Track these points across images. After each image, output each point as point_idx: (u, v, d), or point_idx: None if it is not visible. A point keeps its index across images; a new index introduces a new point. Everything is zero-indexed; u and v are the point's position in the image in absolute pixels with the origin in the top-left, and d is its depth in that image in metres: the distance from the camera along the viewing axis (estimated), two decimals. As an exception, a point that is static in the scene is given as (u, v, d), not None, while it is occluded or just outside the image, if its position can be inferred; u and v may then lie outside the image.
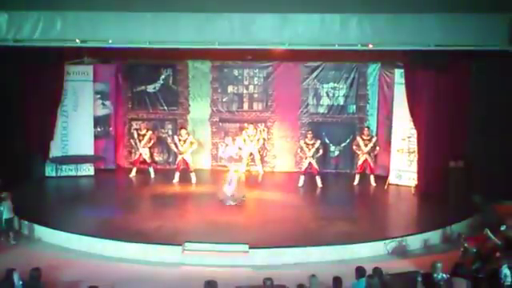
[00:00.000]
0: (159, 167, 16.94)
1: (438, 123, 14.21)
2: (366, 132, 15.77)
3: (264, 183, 16.08)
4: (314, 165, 15.49)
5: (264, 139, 16.78)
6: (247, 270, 10.64)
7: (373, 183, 15.63)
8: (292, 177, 16.20)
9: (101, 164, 16.71)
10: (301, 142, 15.85)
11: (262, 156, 16.84)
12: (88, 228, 12.11)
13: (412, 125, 14.84)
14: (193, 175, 15.79)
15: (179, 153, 15.83)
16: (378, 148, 15.74)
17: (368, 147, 15.58)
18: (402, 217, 13.85)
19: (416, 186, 14.78)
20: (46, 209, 13.54)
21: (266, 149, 16.99)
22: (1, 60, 13.40)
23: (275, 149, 17.18)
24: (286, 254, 11.13)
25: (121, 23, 11.99)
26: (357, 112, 16.97)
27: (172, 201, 14.26)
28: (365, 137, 15.68)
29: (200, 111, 17.25)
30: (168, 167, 16.97)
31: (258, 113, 17.23)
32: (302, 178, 15.56)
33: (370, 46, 12.36)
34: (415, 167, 14.91)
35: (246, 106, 17.28)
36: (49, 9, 11.91)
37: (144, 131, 16.38)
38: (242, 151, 16.03)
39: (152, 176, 16.34)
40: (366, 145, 15.60)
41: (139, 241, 11.34)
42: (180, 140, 15.78)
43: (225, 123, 17.29)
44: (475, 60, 13.42)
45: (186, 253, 11.09)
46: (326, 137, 16.84)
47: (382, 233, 12.17)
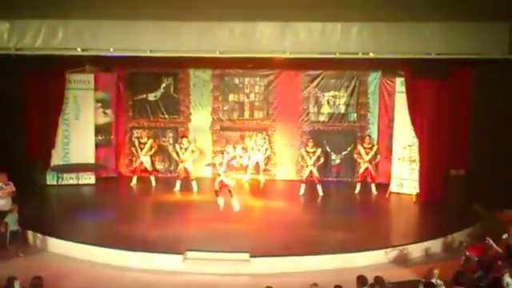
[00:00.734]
0: (160, 175, 16.95)
1: (439, 131, 14.23)
2: (367, 140, 15.78)
3: (265, 192, 16.07)
4: (315, 173, 15.49)
5: (268, 148, 16.76)
6: (248, 279, 10.61)
7: (374, 191, 15.63)
8: (293, 185, 16.19)
9: (102, 172, 16.69)
10: (302, 151, 15.86)
11: (265, 164, 16.86)
12: (90, 237, 12.11)
13: (413, 133, 14.82)
14: (194, 183, 15.77)
15: (180, 161, 15.84)
16: (379, 156, 15.74)
17: (369, 155, 15.59)
18: (403, 225, 13.82)
19: (417, 195, 14.75)
20: (49, 218, 13.47)
21: (269, 157, 17.00)
22: (2, 68, 13.41)
23: (276, 157, 17.18)
24: (287, 263, 11.08)
25: (122, 32, 12.05)
26: (358, 120, 16.98)
27: (173, 209, 14.21)
28: (366, 145, 15.70)
29: (201, 119, 17.28)
30: (169, 175, 16.97)
31: (259, 121, 17.26)
32: (303, 187, 15.55)
33: (371, 55, 12.43)
34: (416, 175, 14.89)
35: (247, 115, 17.32)
36: (50, 18, 11.97)
37: (145, 139, 16.38)
38: (250, 160, 16.06)
39: (153, 184, 16.35)
40: (367, 153, 15.61)
41: (141, 249, 11.31)
42: (181, 148, 15.80)
43: (226, 131, 17.31)
44: (476, 69, 13.45)
45: (187, 261, 11.06)
46: (327, 145, 16.84)
47: (383, 241, 12.12)
